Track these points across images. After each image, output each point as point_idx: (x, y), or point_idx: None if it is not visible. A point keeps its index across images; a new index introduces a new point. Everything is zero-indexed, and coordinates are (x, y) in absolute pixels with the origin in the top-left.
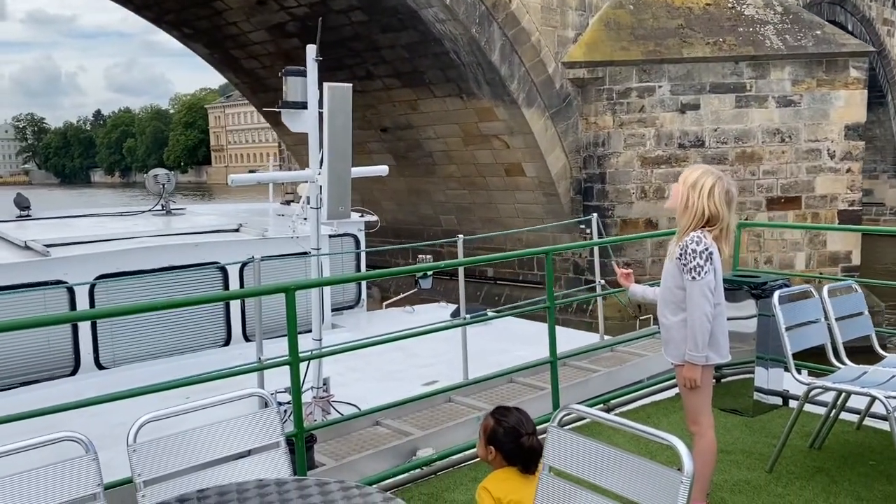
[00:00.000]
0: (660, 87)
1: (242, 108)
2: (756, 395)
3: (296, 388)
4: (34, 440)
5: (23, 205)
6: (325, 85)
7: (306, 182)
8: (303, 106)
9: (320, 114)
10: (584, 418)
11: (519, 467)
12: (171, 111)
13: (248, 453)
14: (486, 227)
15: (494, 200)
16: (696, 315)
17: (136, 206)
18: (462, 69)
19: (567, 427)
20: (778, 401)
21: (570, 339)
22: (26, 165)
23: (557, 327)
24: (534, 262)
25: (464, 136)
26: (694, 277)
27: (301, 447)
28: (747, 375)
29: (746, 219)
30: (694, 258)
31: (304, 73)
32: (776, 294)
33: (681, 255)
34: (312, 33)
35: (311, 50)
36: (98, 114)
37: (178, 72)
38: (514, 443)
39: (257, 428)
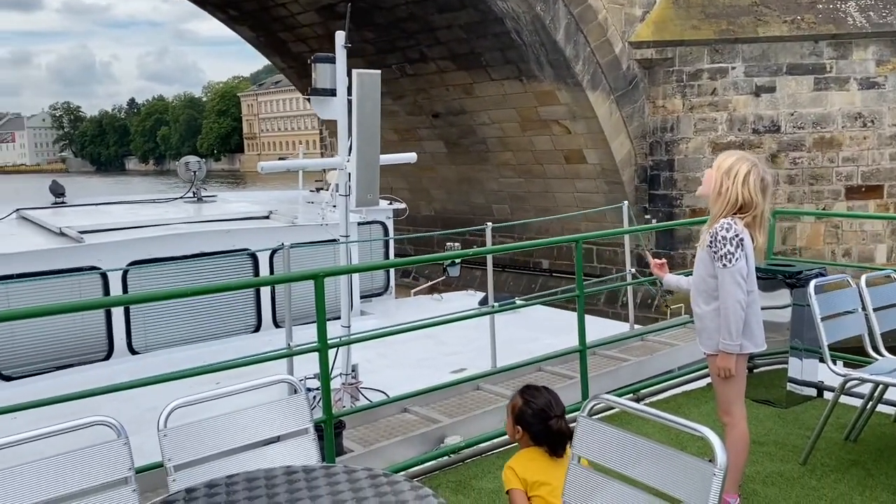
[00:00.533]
0: (733, 68)
1: (275, 97)
2: (789, 386)
3: (325, 375)
4: (66, 424)
5: (58, 192)
6: (354, 72)
7: (335, 169)
8: (332, 93)
9: (350, 101)
10: (613, 408)
11: (546, 449)
12: (204, 99)
13: (278, 439)
14: (541, 216)
15: (552, 189)
16: (730, 303)
17: (169, 194)
18: (523, 50)
19: (596, 416)
20: (812, 392)
21: (600, 328)
22: (63, 153)
23: (588, 316)
24: (593, 254)
25: (521, 121)
26: (725, 265)
27: (330, 433)
28: (781, 366)
29: (824, 208)
30: (724, 245)
31: (333, 60)
32: (812, 283)
33: (711, 242)
34: (364, 15)
35: (340, 36)
36: (132, 102)
37: (209, 60)
38: (543, 425)
39: (286, 414)
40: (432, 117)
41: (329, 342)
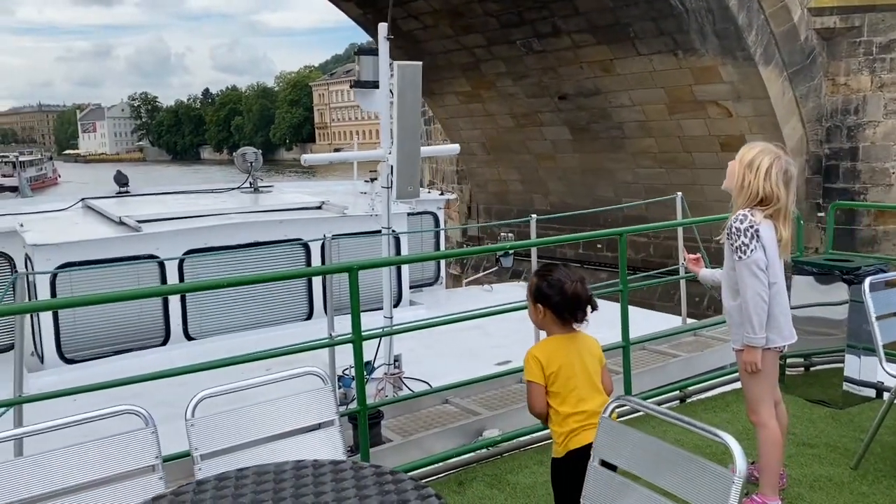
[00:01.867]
0: None
1: (346, 86)
2: (846, 386)
3: (359, 366)
4: (96, 412)
5: (122, 182)
6: (395, 64)
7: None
8: (374, 85)
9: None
10: (638, 410)
11: (569, 319)
12: (276, 89)
13: (307, 430)
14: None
15: (700, 181)
16: (749, 295)
17: (238, 183)
18: (683, 18)
19: (625, 417)
20: (871, 393)
21: (652, 322)
22: (141, 143)
23: (640, 310)
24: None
25: (669, 102)
26: (741, 256)
27: (364, 424)
28: (838, 365)
29: None
30: (739, 237)
31: (376, 52)
32: (867, 280)
33: (728, 234)
34: None
35: (383, 28)
36: (206, 92)
37: (278, 51)
38: (560, 293)
39: (313, 405)
40: (558, 99)
41: (367, 333)
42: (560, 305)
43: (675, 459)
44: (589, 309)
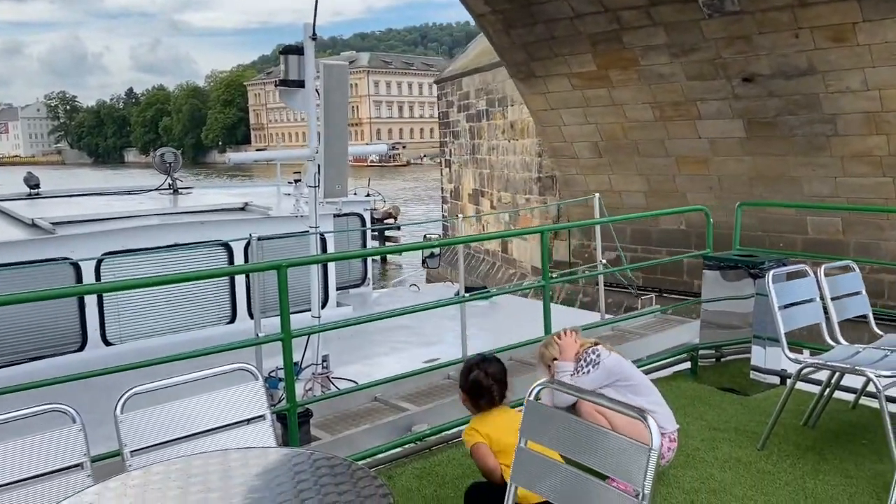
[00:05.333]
0: None
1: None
2: (753, 375)
3: (288, 363)
4: (21, 412)
5: (32, 183)
6: (321, 63)
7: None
8: (300, 84)
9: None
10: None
11: (484, 403)
12: (208, 89)
13: (236, 425)
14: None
15: None
16: None
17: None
18: None
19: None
20: (775, 380)
21: (573, 318)
22: (59, 145)
23: (561, 307)
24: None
25: None
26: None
27: (293, 421)
28: (745, 355)
29: None
30: None
31: (301, 52)
32: (770, 273)
33: None
34: None
35: (307, 28)
36: (130, 92)
37: (202, 52)
38: (465, 378)
39: (243, 401)
40: (742, 82)
41: (296, 330)
42: (471, 392)
43: (595, 438)
44: (496, 391)
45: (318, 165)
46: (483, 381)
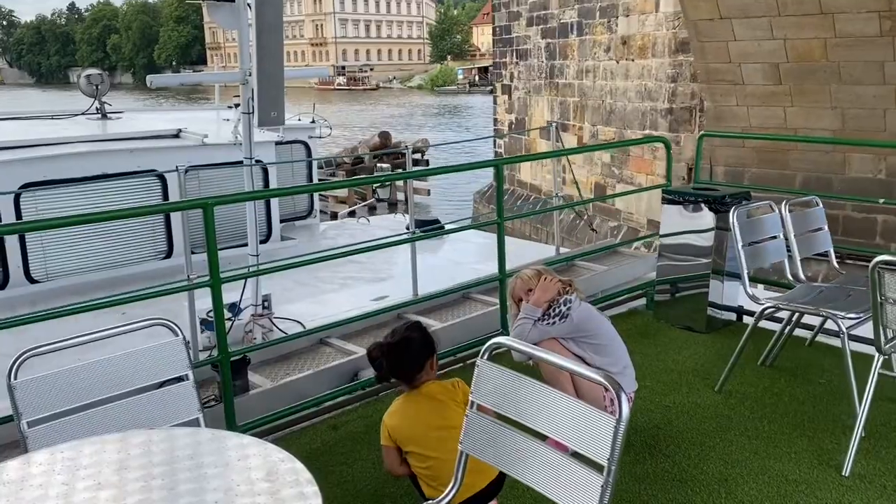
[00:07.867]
0: None
1: None
2: (710, 311)
3: (218, 310)
4: None
5: None
6: None
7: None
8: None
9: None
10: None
11: (397, 381)
12: (160, 5)
13: (155, 387)
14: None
15: None
16: None
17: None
18: None
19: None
20: (732, 316)
21: (530, 253)
22: None
23: (517, 240)
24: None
25: None
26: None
27: (227, 371)
28: (702, 290)
29: None
30: None
31: None
32: (734, 209)
33: None
34: None
35: None
36: (73, 7)
37: None
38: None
39: (161, 359)
40: None
41: (227, 274)
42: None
43: (553, 403)
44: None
45: (252, 90)
46: (373, 353)
